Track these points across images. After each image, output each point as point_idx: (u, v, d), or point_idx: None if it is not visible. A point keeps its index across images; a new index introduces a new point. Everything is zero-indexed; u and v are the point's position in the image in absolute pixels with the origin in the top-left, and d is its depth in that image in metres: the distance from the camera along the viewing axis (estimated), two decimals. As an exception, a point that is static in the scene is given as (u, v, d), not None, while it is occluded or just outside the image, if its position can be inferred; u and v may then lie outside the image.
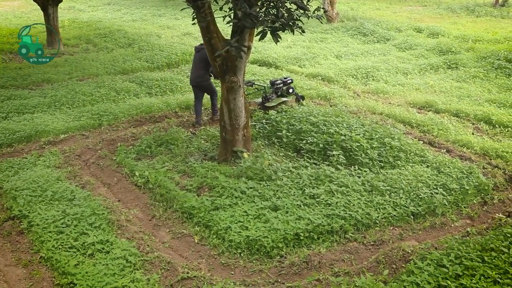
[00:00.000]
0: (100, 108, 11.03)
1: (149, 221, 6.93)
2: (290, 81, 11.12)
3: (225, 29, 11.02)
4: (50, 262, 5.84)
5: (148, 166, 8.21)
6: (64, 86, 12.49)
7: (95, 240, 6.07)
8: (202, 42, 8.48)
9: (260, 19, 7.08)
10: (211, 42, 7.70)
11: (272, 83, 10.92)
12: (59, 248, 5.99)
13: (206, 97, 10.89)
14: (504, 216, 7.04)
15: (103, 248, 5.96)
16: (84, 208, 6.75)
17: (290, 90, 10.96)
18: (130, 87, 12.53)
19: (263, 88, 11.04)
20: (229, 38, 7.67)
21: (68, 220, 6.47)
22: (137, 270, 5.59)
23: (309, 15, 7.49)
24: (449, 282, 5.05)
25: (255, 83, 11.29)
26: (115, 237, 6.22)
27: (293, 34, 7.39)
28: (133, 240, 6.19)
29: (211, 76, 10.40)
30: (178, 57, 15.50)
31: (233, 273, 5.80)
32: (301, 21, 7.52)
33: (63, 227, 6.35)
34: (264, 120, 9.76)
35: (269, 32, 7.11)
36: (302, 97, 11.33)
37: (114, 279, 5.39)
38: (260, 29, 7.20)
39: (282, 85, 10.91)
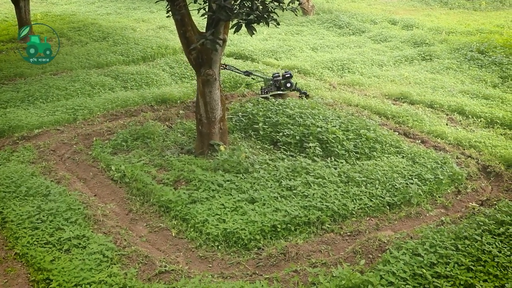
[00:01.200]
0: (75, 102, 10.88)
1: (126, 215, 6.89)
2: (288, 75, 11.09)
3: (200, 22, 10.96)
4: (25, 258, 5.77)
5: (125, 160, 8.15)
6: (38, 80, 12.29)
7: (71, 235, 6.01)
8: None
9: (235, 11, 7.06)
10: (186, 35, 7.66)
11: (272, 76, 11.16)
12: (35, 244, 5.92)
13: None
14: (477, 205, 7.20)
15: (79, 243, 5.91)
16: (60, 203, 6.67)
17: (288, 84, 10.95)
18: (105, 81, 12.39)
19: (264, 80, 11.41)
20: (204, 31, 7.64)
21: (43, 216, 6.39)
22: (114, 264, 5.56)
23: (284, 7, 7.51)
24: (424, 271, 5.13)
25: (253, 73, 11.54)
26: (92, 232, 6.17)
27: (268, 26, 7.39)
28: (110, 234, 6.15)
29: None
30: (154, 51, 15.35)
31: (210, 266, 5.81)
32: (276, 13, 7.53)
33: (38, 223, 6.27)
34: (240, 113, 9.75)
35: (244, 25, 7.10)
36: (306, 94, 11.27)
37: (91, 274, 5.35)
38: (235, 21, 7.18)
39: (280, 78, 11.01)
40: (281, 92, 10.94)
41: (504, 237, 5.78)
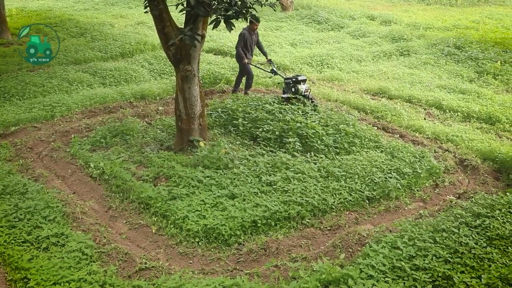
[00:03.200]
0: (53, 99, 10.73)
1: (105, 212, 6.83)
2: (295, 79, 10.30)
3: (179, 17, 10.88)
4: (2, 258, 5.67)
5: (103, 157, 8.07)
6: (14, 77, 12.08)
7: (50, 233, 5.94)
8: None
9: (213, 7, 7.03)
10: (164, 31, 7.61)
11: (285, 78, 10.65)
12: (12, 243, 5.82)
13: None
14: (455, 198, 7.30)
15: (58, 241, 5.84)
16: (38, 201, 6.58)
17: (293, 89, 10.21)
18: (83, 78, 12.24)
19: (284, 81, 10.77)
20: (183, 27, 7.60)
21: (20, 214, 6.29)
22: (94, 262, 5.51)
23: (262, 3, 7.50)
24: (403, 263, 5.18)
25: (278, 72, 11.10)
26: (71, 229, 6.10)
27: (247, 22, 7.37)
28: (89, 232, 6.09)
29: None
30: (132, 47, 15.21)
31: (191, 262, 5.79)
32: (254, 9, 7.52)
33: (15, 221, 6.17)
34: (220, 109, 9.73)
35: (222, 21, 7.08)
36: (315, 105, 10.14)
37: (70, 272, 5.29)
38: (213, 17, 7.15)
39: (290, 81, 10.40)
40: (287, 96, 10.24)
41: (481, 229, 5.87)
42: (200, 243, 6.05)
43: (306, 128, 8.59)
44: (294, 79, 10.34)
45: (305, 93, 10.26)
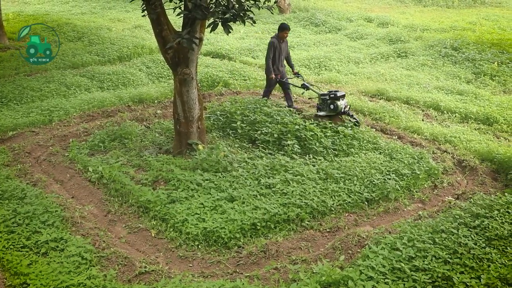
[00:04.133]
0: (50, 103, 10.73)
1: (104, 216, 6.83)
2: (333, 95, 9.49)
3: (176, 21, 10.89)
4: (1, 263, 5.66)
5: (102, 161, 8.06)
6: (11, 81, 12.07)
7: (49, 238, 5.92)
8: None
9: (211, 10, 7.05)
10: (162, 34, 7.63)
11: (320, 94, 9.86)
12: (11, 248, 5.81)
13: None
14: (453, 199, 7.32)
15: (57, 246, 5.83)
16: (36, 206, 6.57)
17: (332, 106, 9.43)
18: (81, 82, 12.25)
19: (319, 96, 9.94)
20: (180, 30, 7.61)
21: (19, 219, 6.28)
22: (93, 266, 5.50)
23: (260, 5, 7.52)
24: (403, 264, 5.19)
25: (310, 87, 10.20)
26: (70, 234, 6.09)
27: (244, 25, 7.39)
28: (88, 236, 6.09)
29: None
30: (130, 50, 15.22)
31: (191, 265, 5.79)
32: (252, 12, 7.53)
33: (14, 227, 6.16)
34: (218, 112, 9.74)
35: (220, 23, 7.10)
36: (357, 122, 9.48)
37: (70, 277, 5.28)
38: (211, 20, 7.17)
39: (327, 97, 9.60)
40: (324, 114, 9.58)
41: (479, 229, 5.88)
42: (199, 246, 6.05)
43: (305, 131, 8.60)
44: (332, 95, 9.50)
45: (345, 110, 9.50)
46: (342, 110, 9.42)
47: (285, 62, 10.65)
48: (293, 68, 10.82)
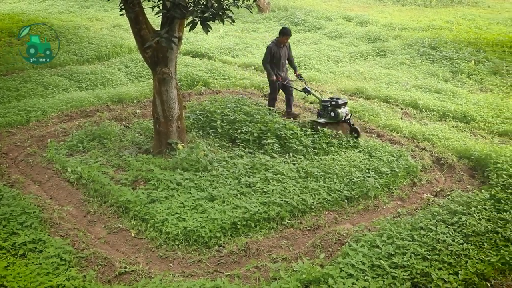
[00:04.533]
0: (27, 103, 10.58)
1: (83, 217, 6.77)
2: (335, 102, 9.17)
3: (155, 20, 10.84)
4: (-22, 265, 5.59)
5: (81, 161, 7.99)
6: (-13, 82, 11.91)
7: (27, 239, 5.85)
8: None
9: (190, 9, 7.03)
10: (140, 33, 7.58)
11: (321, 100, 9.53)
12: (-13, 251, 5.74)
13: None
14: (432, 196, 7.41)
15: (35, 248, 5.76)
16: (14, 207, 6.47)
17: (332, 114, 9.13)
18: (58, 81, 12.11)
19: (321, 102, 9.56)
20: (159, 29, 7.58)
21: (-4, 221, 6.20)
22: (72, 267, 5.45)
23: (239, 4, 7.52)
24: (382, 262, 5.25)
25: (311, 92, 9.87)
26: (48, 235, 6.02)
27: (223, 24, 7.39)
28: (67, 237, 6.03)
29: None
30: (109, 50, 15.10)
31: (171, 265, 5.78)
32: (231, 10, 7.54)
33: (-9, 229, 6.08)
34: (198, 111, 9.72)
35: (199, 22, 7.08)
36: (356, 131, 9.07)
37: (48, 278, 5.23)
38: (190, 19, 7.15)
39: (328, 104, 9.29)
40: (319, 120, 9.26)
41: (457, 226, 5.99)
42: (180, 246, 6.03)
43: (285, 129, 8.64)
44: (333, 102, 9.17)
45: (345, 118, 9.16)
46: (343, 118, 9.09)
47: (287, 65, 10.40)
48: (296, 70, 10.44)
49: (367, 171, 7.77)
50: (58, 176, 7.77)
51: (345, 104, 9.22)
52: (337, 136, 8.85)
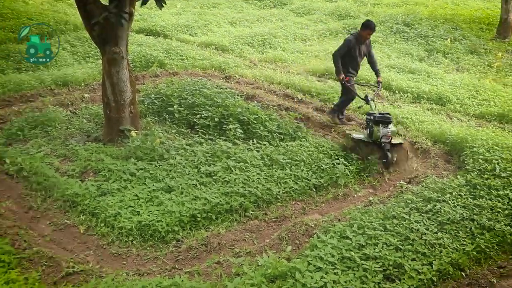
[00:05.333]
0: (-43, 87, 10.31)
1: (25, 213, 6.65)
2: (374, 117, 8.20)
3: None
4: None
5: (21, 151, 7.84)
6: None
7: (-41, 240, 5.74)
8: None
9: (142, -19, 6.96)
10: (86, 8, 7.46)
11: (367, 114, 8.71)
12: None
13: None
14: (405, 183, 7.56)
15: (-31, 249, 5.66)
16: None
17: (367, 131, 8.36)
18: (-7, 62, 11.82)
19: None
20: (108, 4, 7.47)
21: None
22: (12, 269, 5.35)
23: (196, -24, 7.47)
24: (353, 253, 5.34)
25: (369, 102, 8.81)
26: (-16, 234, 5.92)
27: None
28: (6, 236, 5.91)
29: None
30: (51, 27, 14.78)
31: (125, 263, 5.76)
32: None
33: None
34: (153, 95, 9.65)
35: (152, -4, 7.02)
36: (386, 157, 8.00)
37: (-15, 282, 5.15)
38: (142, -8, 7.08)
39: (370, 118, 8.39)
40: (358, 137, 8.35)
41: (432, 214, 6.14)
42: (134, 242, 6.01)
43: (248, 114, 8.66)
44: (374, 117, 8.20)
45: (382, 141, 8.00)
46: (379, 141, 8.02)
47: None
48: (378, 75, 9.41)
49: (336, 157, 7.87)
50: (-5, 168, 7.62)
51: (387, 123, 8.05)
52: (366, 161, 8.00)
